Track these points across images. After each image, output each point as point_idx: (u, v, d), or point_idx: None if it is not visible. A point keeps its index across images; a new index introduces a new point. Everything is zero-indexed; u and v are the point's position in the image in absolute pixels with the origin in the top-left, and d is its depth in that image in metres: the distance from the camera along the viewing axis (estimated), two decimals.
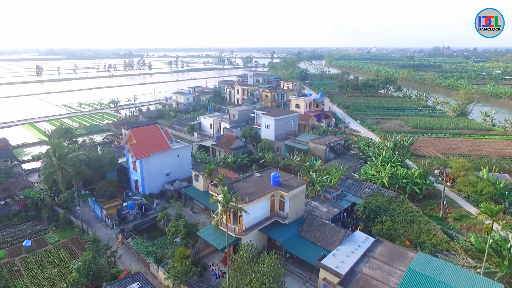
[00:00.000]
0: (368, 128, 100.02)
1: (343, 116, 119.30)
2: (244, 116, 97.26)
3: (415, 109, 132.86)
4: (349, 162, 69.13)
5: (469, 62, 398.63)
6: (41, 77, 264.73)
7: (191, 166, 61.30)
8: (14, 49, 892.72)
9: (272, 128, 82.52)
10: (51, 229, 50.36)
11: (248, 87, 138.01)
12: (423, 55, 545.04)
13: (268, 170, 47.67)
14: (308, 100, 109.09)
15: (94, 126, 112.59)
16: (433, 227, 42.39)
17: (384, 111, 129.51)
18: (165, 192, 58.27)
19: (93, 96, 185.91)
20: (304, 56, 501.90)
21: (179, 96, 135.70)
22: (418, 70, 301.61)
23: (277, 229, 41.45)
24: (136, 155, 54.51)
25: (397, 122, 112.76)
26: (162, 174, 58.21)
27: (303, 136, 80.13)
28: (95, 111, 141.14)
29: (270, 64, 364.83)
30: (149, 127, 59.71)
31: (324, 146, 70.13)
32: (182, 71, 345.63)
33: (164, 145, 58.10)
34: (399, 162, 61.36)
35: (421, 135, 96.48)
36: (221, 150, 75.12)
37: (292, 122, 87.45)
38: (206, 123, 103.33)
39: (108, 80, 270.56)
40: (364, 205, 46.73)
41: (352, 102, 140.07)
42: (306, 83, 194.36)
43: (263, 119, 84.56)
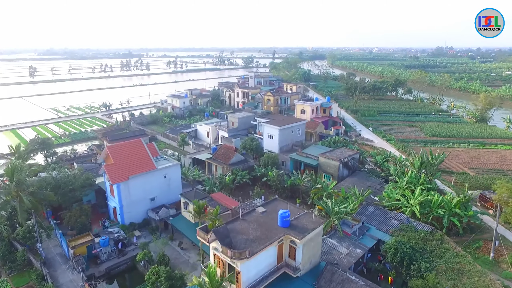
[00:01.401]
0: (383, 137, 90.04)
1: (352, 122, 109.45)
2: (245, 123, 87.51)
3: (429, 114, 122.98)
4: (366, 181, 59.39)
5: (475, 62, 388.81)
6: (34, 78, 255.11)
7: (181, 189, 51.73)
8: (14, 49, 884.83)
9: (276, 139, 72.75)
10: (4, 272, 40.65)
11: (249, 90, 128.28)
12: (426, 55, 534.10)
13: (274, 202, 37.89)
14: (315, 105, 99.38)
15: (81, 133, 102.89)
16: (491, 282, 32.49)
17: (396, 116, 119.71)
18: (149, 221, 48.63)
19: (86, 98, 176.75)
20: (306, 56, 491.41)
21: (175, 100, 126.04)
22: (424, 71, 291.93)
23: (286, 285, 31.74)
24: (113, 179, 44.85)
25: (412, 129, 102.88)
26: (146, 200, 48.57)
27: (312, 148, 70.30)
28: (85, 116, 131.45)
29: (272, 64, 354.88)
30: (131, 143, 50.02)
31: (337, 162, 60.34)
32: (181, 72, 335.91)
33: (148, 164, 48.43)
34: (428, 183, 51.58)
35: (441, 144, 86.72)
36: (218, 165, 65.45)
37: (298, 131, 77.63)
38: (202, 131, 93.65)
39: (104, 81, 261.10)
40: (394, 245, 36.96)
41: (361, 106, 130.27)
42: (310, 85, 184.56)
43: (266, 128, 74.78)
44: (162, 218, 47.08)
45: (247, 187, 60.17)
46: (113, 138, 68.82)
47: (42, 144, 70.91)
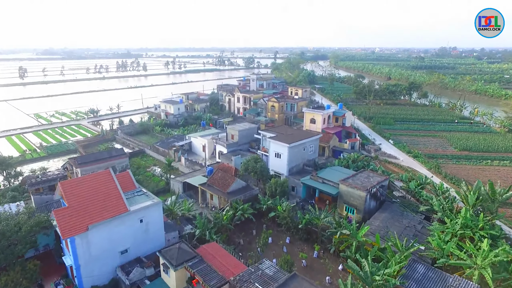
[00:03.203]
0: (408, 153, 77.18)
1: (368, 132, 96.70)
2: (246, 137, 74.93)
3: (451, 122, 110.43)
4: (401, 217, 46.85)
5: (483, 63, 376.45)
6: (24, 80, 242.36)
7: (163, 235, 39.22)
8: (13, 49, 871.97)
9: (284, 158, 60.10)
10: None
11: (251, 95, 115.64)
12: (430, 55, 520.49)
13: (293, 281, 25.28)
14: (327, 114, 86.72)
15: (60, 145, 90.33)
16: None
17: (415, 125, 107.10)
18: (118, 282, 36.09)
19: (77, 101, 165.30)
20: (308, 56, 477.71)
21: (168, 106, 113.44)
22: (433, 72, 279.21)
23: None
24: (64, 231, 32.25)
25: (436, 141, 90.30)
26: (114, 253, 36.02)
27: (329, 172, 57.60)
28: (69, 123, 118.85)
29: (273, 65, 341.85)
30: (94, 176, 37.37)
31: (364, 192, 47.77)
32: (179, 73, 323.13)
33: (117, 206, 35.86)
34: (490, 227, 39.05)
35: (476, 162, 74.19)
36: (214, 194, 52.90)
37: (311, 148, 64.93)
38: (197, 144, 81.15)
39: (98, 83, 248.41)
40: None
41: (374, 113, 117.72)
42: (315, 88, 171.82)
43: (273, 145, 62.10)
44: (135, 282, 34.53)
45: (249, 226, 47.64)
46: (82, 162, 55.80)
47: (1, 164, 58.54)
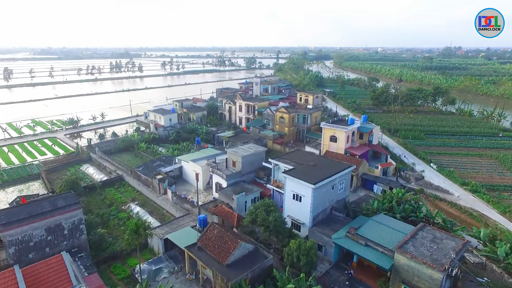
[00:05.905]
0: (461, 185, 59.51)
1: (399, 151, 79.14)
2: (252, 164, 57.59)
3: (494, 135, 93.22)
4: None
5: (494, 63, 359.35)
6: (9, 82, 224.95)
7: None
8: (11, 48, 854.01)
9: (307, 203, 42.78)
10: None
11: (255, 103, 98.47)
12: (435, 55, 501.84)
13: None
14: (351, 131, 69.75)
15: (20, 169, 72.67)
16: None
17: (451, 139, 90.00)
18: None
19: (62, 106, 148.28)
20: (310, 56, 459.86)
21: (158, 116, 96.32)
22: (444, 72, 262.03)
23: None
24: None
25: (485, 162, 73.21)
26: None
27: (372, 226, 40.19)
28: (44, 135, 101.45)
29: (276, 65, 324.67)
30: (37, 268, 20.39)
31: (440, 273, 30.71)
32: (177, 74, 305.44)
33: None
34: None
35: None
36: (207, 266, 35.73)
37: (341, 185, 47.52)
38: (189, 170, 64.12)
39: (90, 85, 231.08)
40: None
41: (399, 124, 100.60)
42: (325, 92, 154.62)
43: (290, 183, 44.70)
44: None
45: None
46: (10, 220, 36.00)
47: None
